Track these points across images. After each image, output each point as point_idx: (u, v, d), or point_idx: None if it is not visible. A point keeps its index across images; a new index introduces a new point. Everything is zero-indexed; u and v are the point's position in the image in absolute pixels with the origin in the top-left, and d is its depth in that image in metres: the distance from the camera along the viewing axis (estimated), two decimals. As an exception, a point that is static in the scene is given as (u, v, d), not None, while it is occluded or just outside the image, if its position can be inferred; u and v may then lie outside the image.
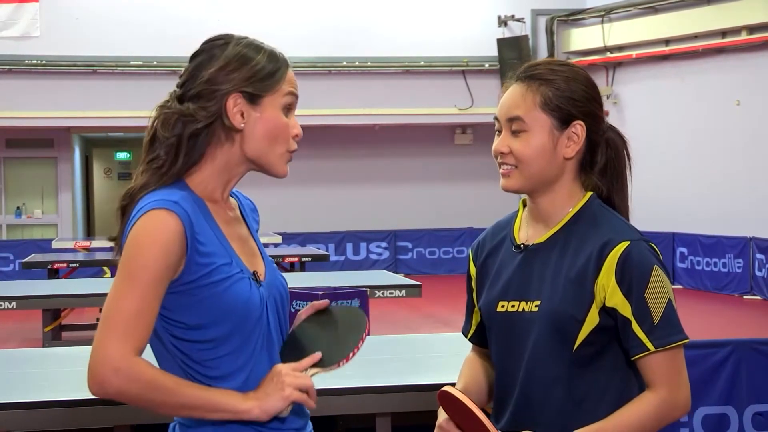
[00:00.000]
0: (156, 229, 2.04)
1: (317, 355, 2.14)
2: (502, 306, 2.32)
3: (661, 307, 2.20)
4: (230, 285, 2.10)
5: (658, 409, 2.20)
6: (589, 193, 2.33)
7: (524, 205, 2.43)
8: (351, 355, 2.15)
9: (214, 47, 2.19)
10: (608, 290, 2.19)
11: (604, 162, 2.35)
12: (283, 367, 2.11)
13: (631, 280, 2.19)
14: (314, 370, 2.14)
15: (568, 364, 2.23)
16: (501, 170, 2.31)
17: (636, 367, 2.24)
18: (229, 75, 2.14)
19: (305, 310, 2.30)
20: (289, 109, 2.19)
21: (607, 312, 2.21)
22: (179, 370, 2.13)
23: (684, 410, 2.24)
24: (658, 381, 2.20)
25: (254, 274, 2.16)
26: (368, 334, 2.19)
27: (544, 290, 2.26)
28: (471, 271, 2.49)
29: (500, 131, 2.32)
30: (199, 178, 2.17)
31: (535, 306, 2.26)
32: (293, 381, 2.08)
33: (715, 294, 13.97)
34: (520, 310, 2.28)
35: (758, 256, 13.40)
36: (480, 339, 2.49)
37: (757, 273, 13.43)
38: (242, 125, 2.15)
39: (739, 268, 13.77)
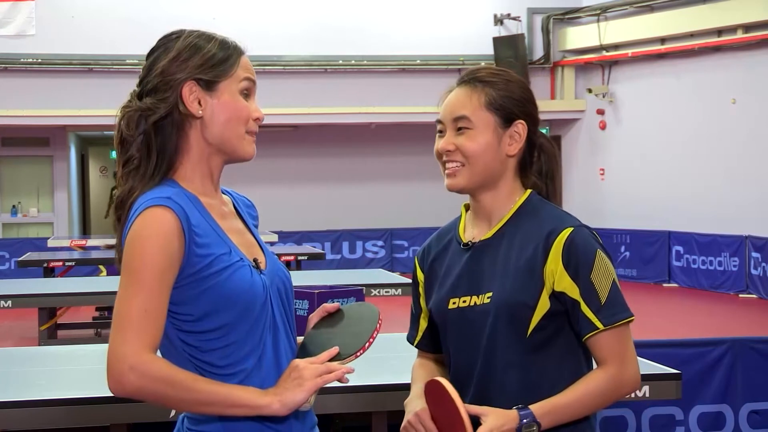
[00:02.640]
0: (153, 226, 2.07)
1: (334, 350, 2.17)
2: (453, 303, 2.40)
3: (607, 288, 2.29)
4: (232, 273, 2.13)
5: (608, 384, 2.30)
6: (529, 191, 2.44)
7: (466, 210, 2.54)
8: (367, 344, 2.19)
9: (168, 41, 2.25)
10: (556, 275, 2.29)
11: (541, 164, 2.48)
12: (300, 362, 2.14)
13: (578, 263, 2.29)
14: (333, 364, 2.16)
15: (523, 350, 2.32)
16: (447, 170, 2.42)
17: (587, 351, 2.35)
18: (181, 65, 2.18)
19: (316, 313, 2.34)
20: (247, 94, 2.24)
21: (556, 297, 2.30)
22: (189, 366, 2.14)
23: (633, 385, 2.34)
24: (608, 358, 2.30)
25: (254, 261, 2.20)
26: (382, 322, 2.24)
27: (495, 282, 2.34)
28: (418, 276, 2.56)
29: (442, 132, 2.43)
30: (183, 174, 2.21)
31: (487, 298, 2.34)
32: (312, 372, 2.11)
33: (710, 292, 13.99)
34: (472, 304, 2.37)
35: (754, 254, 13.41)
36: (427, 344, 2.57)
37: (753, 271, 13.44)
38: (200, 112, 2.18)
39: (734, 266, 13.79)
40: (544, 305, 2.30)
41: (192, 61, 2.18)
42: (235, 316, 2.13)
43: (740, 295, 13.55)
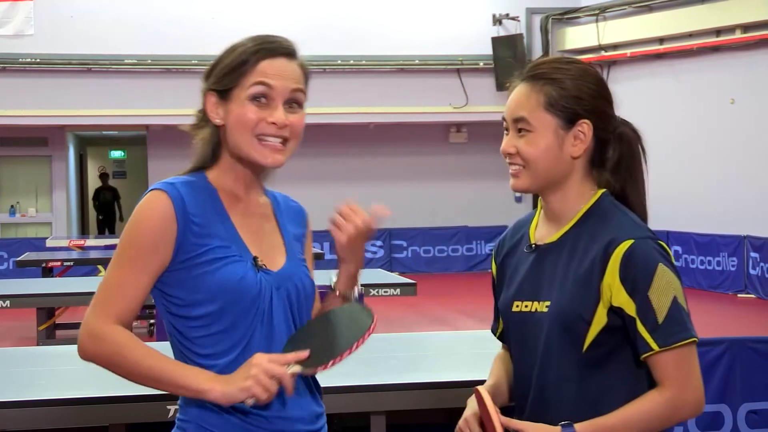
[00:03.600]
0: (146, 208, 2.18)
1: (304, 353, 2.13)
2: (517, 306, 2.34)
3: (666, 306, 2.17)
4: (223, 265, 2.18)
5: (663, 408, 2.18)
6: (601, 191, 2.32)
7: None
8: (338, 358, 2.12)
9: None
10: (614, 289, 2.18)
11: (617, 158, 2.34)
12: (259, 357, 2.11)
13: (635, 278, 2.17)
14: (297, 367, 2.11)
15: (579, 364, 2.23)
16: (510, 170, 2.32)
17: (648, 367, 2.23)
18: (206, 77, 2.29)
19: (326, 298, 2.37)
20: (259, 98, 2.23)
21: (614, 311, 2.20)
22: (175, 350, 2.23)
23: (693, 411, 2.22)
24: (666, 380, 2.18)
25: (256, 259, 2.22)
26: (371, 334, 2.16)
27: (553, 290, 2.26)
28: (493, 270, 2.51)
29: (507, 130, 2.32)
30: (215, 172, 2.29)
31: (545, 306, 2.26)
32: (260, 371, 2.07)
33: (709, 292, 13.99)
34: (533, 310, 2.29)
35: (752, 254, 13.42)
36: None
37: (751, 271, 13.45)
38: (218, 121, 2.26)
39: (733, 266, 13.79)
40: (600, 319, 2.20)
41: (213, 73, 2.27)
42: (221, 307, 2.17)
43: (739, 295, 13.55)
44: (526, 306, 2.31)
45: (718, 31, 14.92)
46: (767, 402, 5.51)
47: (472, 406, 2.33)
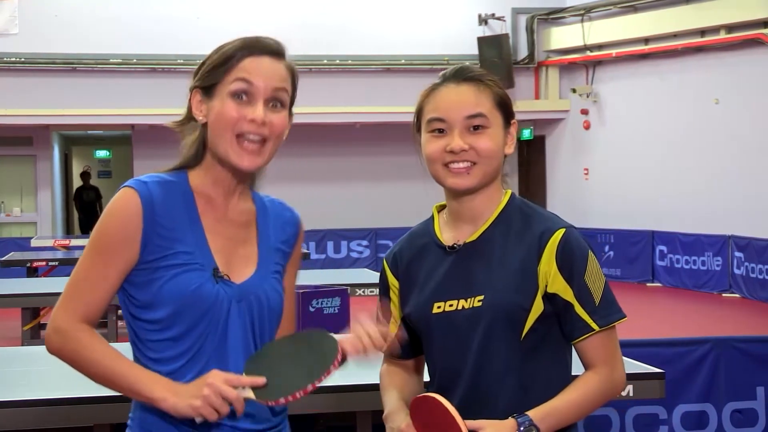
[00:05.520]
0: (115, 204, 2.18)
1: (260, 380, 2.09)
2: (439, 307, 2.33)
3: (600, 289, 2.28)
4: (181, 272, 2.15)
5: (602, 386, 2.28)
6: (509, 191, 2.41)
7: (438, 211, 2.49)
8: (291, 397, 2.07)
9: None
10: (550, 276, 2.25)
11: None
12: (214, 376, 2.08)
13: (572, 264, 2.26)
14: (250, 393, 2.07)
15: (518, 352, 2.27)
16: (454, 168, 2.31)
17: (572, 354, 2.34)
18: (194, 77, 2.27)
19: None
20: (240, 95, 2.20)
21: (548, 298, 2.26)
22: (132, 350, 2.23)
23: (622, 386, 2.34)
24: (599, 360, 2.29)
25: (215, 270, 2.18)
26: (329, 375, 2.11)
27: (486, 285, 2.28)
28: (390, 282, 2.47)
29: (443, 131, 2.33)
30: (196, 173, 2.27)
31: (478, 301, 2.27)
32: (212, 391, 2.04)
33: (694, 292, 14.04)
34: (460, 308, 2.30)
35: (737, 254, 13.47)
36: (396, 350, 2.46)
37: (736, 271, 13.50)
38: (201, 118, 2.24)
39: (718, 266, 13.84)
40: (538, 307, 2.26)
41: (200, 71, 2.25)
42: (171, 313, 2.15)
43: (723, 295, 13.60)
44: (450, 305, 2.31)
45: (702, 32, 14.98)
46: (752, 401, 5.53)
47: (400, 418, 2.31)
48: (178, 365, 2.16)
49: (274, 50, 2.26)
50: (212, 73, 2.21)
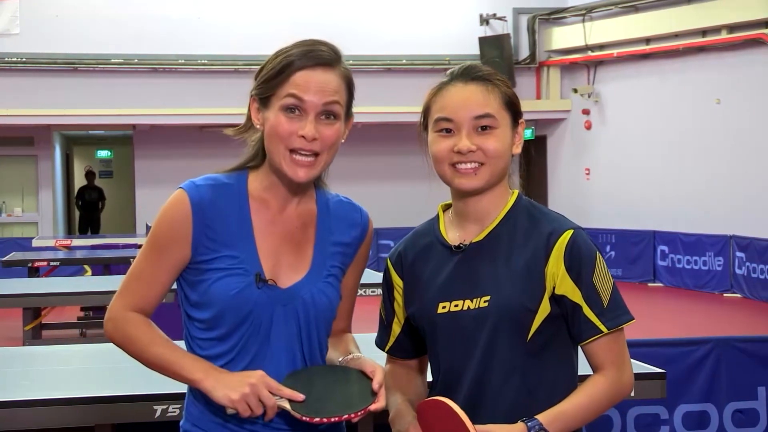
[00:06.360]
0: (167, 206, 2.25)
1: (299, 396, 2.15)
2: (444, 307, 2.31)
3: (609, 291, 2.26)
4: (224, 276, 2.21)
5: (610, 388, 2.26)
6: (516, 191, 2.39)
7: (443, 211, 2.47)
8: (326, 419, 2.13)
9: None
10: (558, 278, 2.24)
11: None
12: (260, 377, 2.15)
13: (580, 266, 2.24)
14: (286, 404, 2.14)
15: (523, 354, 2.26)
16: (462, 169, 2.30)
17: (578, 356, 2.33)
18: (254, 81, 2.30)
19: (349, 360, 2.31)
20: (292, 109, 2.21)
21: (556, 300, 2.25)
22: (186, 344, 2.31)
23: (630, 388, 2.32)
24: (607, 363, 2.27)
25: (257, 276, 2.22)
26: (357, 417, 2.16)
27: (492, 285, 2.27)
28: (394, 281, 2.45)
29: (450, 131, 2.32)
30: (255, 174, 2.32)
31: (484, 302, 2.26)
32: (252, 392, 2.12)
33: (695, 292, 14.03)
34: (465, 308, 2.29)
35: (738, 254, 13.46)
36: (398, 350, 2.49)
37: (737, 271, 13.50)
38: (259, 126, 2.28)
39: (719, 266, 13.84)
40: (545, 308, 2.25)
41: (257, 77, 2.28)
42: (214, 315, 2.23)
43: (725, 295, 13.60)
44: (456, 305, 2.30)
45: (704, 32, 14.97)
46: (753, 401, 5.53)
47: (406, 420, 2.32)
48: (222, 363, 2.23)
49: (327, 60, 2.27)
50: (267, 84, 2.24)
